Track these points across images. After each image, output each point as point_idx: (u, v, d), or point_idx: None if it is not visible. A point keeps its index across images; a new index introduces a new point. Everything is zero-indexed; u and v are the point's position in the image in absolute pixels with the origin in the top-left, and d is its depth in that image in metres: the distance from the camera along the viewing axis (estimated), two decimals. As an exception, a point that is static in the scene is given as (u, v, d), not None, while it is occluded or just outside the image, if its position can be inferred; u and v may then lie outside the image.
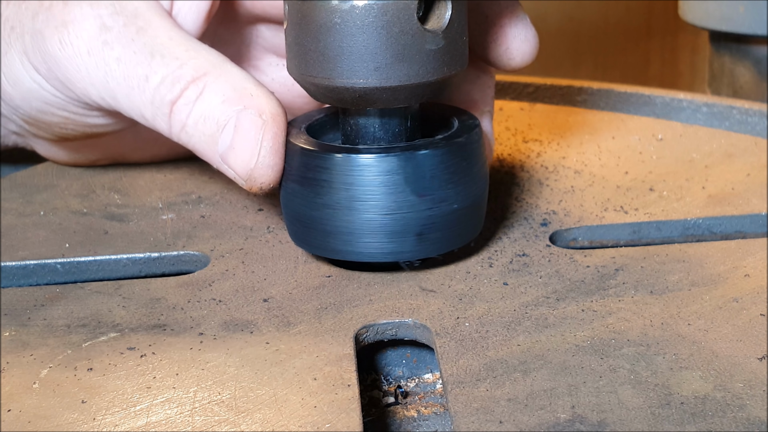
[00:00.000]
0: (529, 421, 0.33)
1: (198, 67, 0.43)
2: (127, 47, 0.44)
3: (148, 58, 0.44)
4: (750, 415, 0.33)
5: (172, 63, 0.44)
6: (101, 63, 0.45)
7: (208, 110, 0.43)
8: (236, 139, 0.42)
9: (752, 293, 0.41)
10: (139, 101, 0.44)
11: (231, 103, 0.43)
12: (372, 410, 0.39)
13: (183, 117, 0.43)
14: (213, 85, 0.43)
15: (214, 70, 0.43)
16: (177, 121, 0.44)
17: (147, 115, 0.44)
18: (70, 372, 0.37)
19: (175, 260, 0.46)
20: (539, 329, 0.39)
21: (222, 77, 0.43)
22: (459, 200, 0.42)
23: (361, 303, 0.41)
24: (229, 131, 0.42)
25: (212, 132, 0.43)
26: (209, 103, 0.43)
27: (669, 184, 0.52)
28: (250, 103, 0.42)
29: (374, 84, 0.40)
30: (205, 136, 0.43)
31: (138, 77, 0.44)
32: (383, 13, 0.39)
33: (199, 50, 0.44)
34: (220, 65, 0.44)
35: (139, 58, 0.44)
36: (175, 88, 0.43)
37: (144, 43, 0.44)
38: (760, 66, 0.86)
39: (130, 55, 0.44)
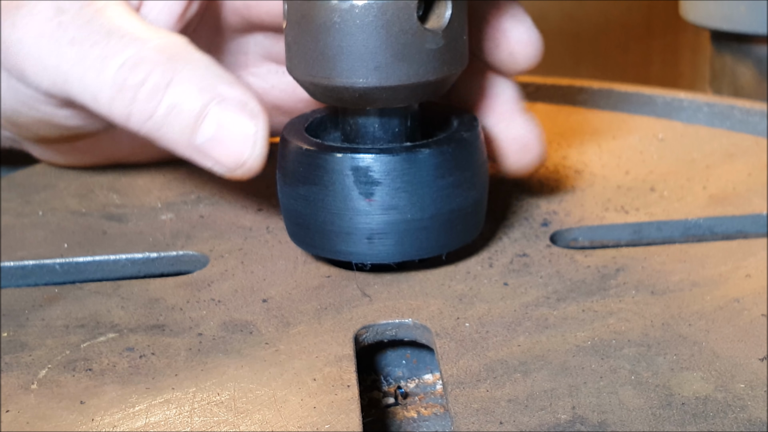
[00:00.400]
0: (529, 421, 0.33)
1: (163, 49, 0.41)
2: (82, 28, 0.42)
3: (105, 38, 0.41)
4: (751, 416, 0.33)
5: (133, 43, 0.41)
6: (54, 45, 0.42)
7: (183, 99, 0.40)
8: (222, 132, 0.40)
9: (753, 294, 0.41)
10: (93, 84, 0.41)
11: (208, 91, 0.41)
12: (372, 411, 0.39)
13: (151, 106, 0.41)
14: (185, 71, 0.41)
15: (182, 54, 0.41)
16: (142, 109, 0.41)
17: (102, 99, 0.41)
18: (69, 372, 0.37)
19: (174, 260, 0.46)
20: (540, 330, 0.39)
21: (192, 62, 0.41)
22: (459, 200, 0.42)
23: (360, 303, 0.41)
24: (212, 122, 0.40)
25: (189, 123, 0.41)
26: (184, 91, 0.40)
27: (670, 184, 0.52)
28: (230, 92, 0.41)
29: (374, 83, 0.40)
30: (180, 127, 0.41)
31: (93, 57, 0.41)
32: (383, 12, 0.39)
33: (160, 32, 0.42)
34: (186, 49, 0.41)
35: (95, 38, 0.41)
36: (139, 72, 0.40)
37: (101, 23, 0.42)
38: (761, 65, 0.86)
39: (85, 35, 0.41)
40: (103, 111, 0.42)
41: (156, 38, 0.41)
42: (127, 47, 0.41)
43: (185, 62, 0.41)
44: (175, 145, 0.41)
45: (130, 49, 0.41)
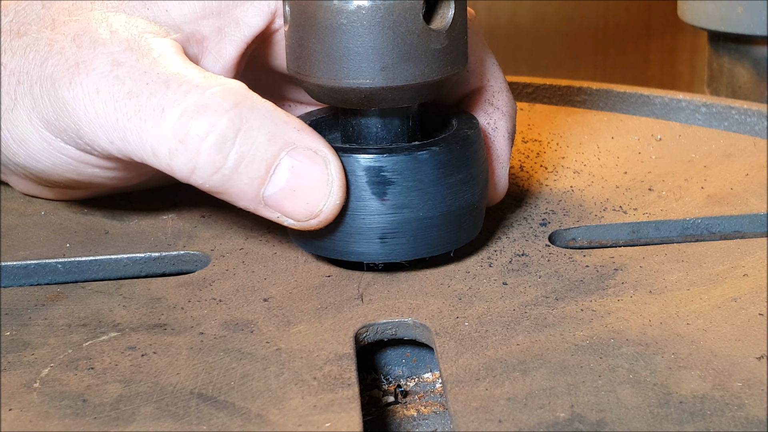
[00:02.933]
0: (528, 420, 0.33)
1: (226, 95, 0.38)
2: (139, 80, 0.39)
3: (163, 88, 0.39)
4: (749, 415, 0.33)
5: (194, 90, 0.38)
6: (110, 100, 0.40)
7: (253, 150, 0.38)
8: (296, 181, 0.39)
9: (751, 293, 0.41)
10: (152, 136, 0.39)
11: (279, 139, 0.38)
12: (372, 409, 0.39)
13: (219, 157, 0.38)
14: (253, 118, 0.38)
15: (246, 100, 0.39)
16: (209, 161, 0.38)
17: (161, 152, 0.39)
18: (71, 371, 0.37)
19: (175, 260, 0.46)
20: (538, 329, 0.39)
21: (258, 108, 0.39)
22: (459, 200, 0.42)
23: (361, 303, 0.41)
24: (283, 172, 0.39)
25: (260, 175, 0.38)
26: (253, 140, 0.38)
27: (668, 184, 0.52)
28: (300, 139, 0.39)
29: (381, 84, 0.40)
30: (249, 179, 0.38)
31: (152, 109, 0.39)
32: (390, 13, 0.39)
33: (218, 77, 0.40)
34: (248, 94, 0.39)
35: (153, 89, 0.39)
36: (202, 121, 0.38)
37: (158, 73, 0.39)
38: (758, 66, 0.86)
39: (143, 87, 0.39)
40: (162, 165, 0.39)
41: (216, 84, 0.39)
42: (188, 95, 0.39)
43: (251, 108, 0.39)
44: (241, 198, 0.39)
45: (191, 97, 0.39)
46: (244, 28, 0.45)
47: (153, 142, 0.39)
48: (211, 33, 0.44)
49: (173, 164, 0.39)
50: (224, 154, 0.38)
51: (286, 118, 0.40)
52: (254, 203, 0.39)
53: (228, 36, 0.45)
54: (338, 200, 0.40)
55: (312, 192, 0.39)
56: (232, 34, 0.45)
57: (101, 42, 0.41)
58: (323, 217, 0.40)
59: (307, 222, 0.40)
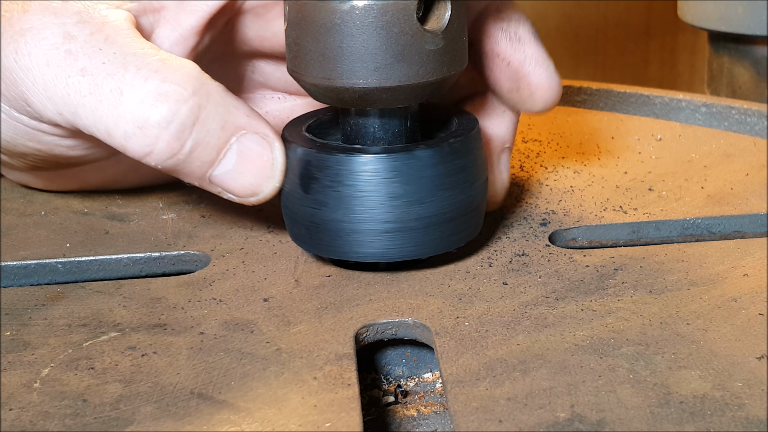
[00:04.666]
0: (528, 420, 0.33)
1: (184, 83, 0.39)
2: (93, 57, 0.40)
3: (120, 69, 0.39)
4: (749, 415, 0.33)
5: (153, 76, 0.39)
6: (62, 74, 0.40)
7: (207, 137, 0.40)
8: (243, 164, 0.41)
9: (751, 293, 0.41)
10: (107, 117, 0.39)
11: (230, 126, 0.40)
12: (372, 409, 0.39)
13: (176, 144, 0.39)
14: (209, 106, 0.40)
15: (201, 88, 0.40)
16: (167, 148, 0.39)
17: (116, 133, 0.40)
18: (71, 371, 0.37)
19: (175, 260, 0.46)
20: (538, 329, 0.39)
21: (213, 95, 0.40)
22: (459, 200, 0.42)
23: (361, 302, 0.41)
24: (232, 156, 0.40)
25: (211, 158, 0.40)
26: (208, 128, 0.40)
27: (668, 184, 0.53)
28: (248, 124, 0.41)
29: (374, 84, 0.40)
30: (200, 163, 0.40)
31: (109, 90, 0.39)
32: (383, 13, 0.39)
33: (173, 61, 0.40)
34: (204, 80, 0.40)
35: (110, 69, 0.39)
36: (162, 109, 0.39)
37: (114, 52, 0.40)
38: (759, 66, 0.86)
39: (98, 65, 0.39)
40: (116, 144, 0.40)
41: (175, 69, 0.40)
42: (147, 80, 0.39)
43: (207, 96, 0.40)
44: (188, 177, 0.41)
45: (151, 83, 0.39)
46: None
47: (108, 122, 0.40)
48: (169, 1, 0.44)
49: (128, 145, 0.40)
50: (182, 142, 0.40)
51: (237, 103, 0.41)
52: (200, 181, 0.41)
53: (189, 7, 0.44)
54: (278, 183, 0.42)
55: (257, 174, 0.41)
56: (194, 5, 0.44)
57: (51, 10, 0.41)
58: (263, 196, 0.42)
59: (247, 199, 0.42)
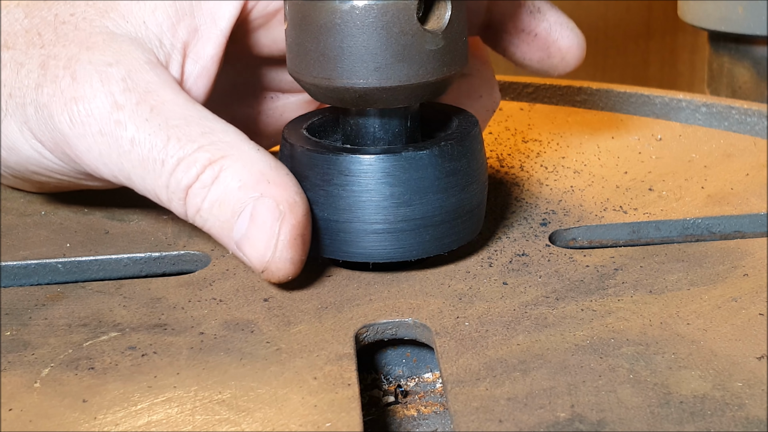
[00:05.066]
0: (528, 420, 0.33)
1: (215, 150, 0.41)
2: (141, 128, 0.42)
3: (163, 141, 0.41)
4: (749, 415, 0.33)
5: (188, 146, 0.41)
6: (114, 143, 0.42)
7: (224, 195, 0.41)
8: (251, 229, 0.40)
9: (751, 293, 0.41)
10: (154, 184, 0.42)
11: (247, 189, 0.41)
12: (372, 409, 0.39)
13: (198, 201, 0.41)
14: (230, 168, 0.41)
15: (231, 152, 0.41)
16: (192, 204, 0.41)
17: (162, 197, 0.42)
18: (71, 371, 0.37)
19: (175, 260, 0.46)
20: (539, 329, 0.39)
21: (240, 161, 0.41)
22: (459, 200, 0.42)
23: (361, 302, 0.41)
24: (245, 219, 0.41)
25: (227, 218, 0.41)
26: (225, 187, 0.41)
27: (668, 184, 0.53)
28: (267, 190, 0.41)
29: (374, 84, 0.40)
30: (220, 222, 0.41)
31: (153, 161, 0.41)
32: (383, 13, 0.39)
33: (215, 130, 0.42)
34: (237, 146, 0.41)
35: (154, 141, 0.41)
36: (191, 172, 0.41)
37: (159, 124, 0.42)
38: (759, 66, 0.86)
39: (145, 137, 0.42)
40: (165, 206, 0.43)
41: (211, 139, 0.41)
42: (184, 150, 0.41)
43: (233, 159, 0.41)
44: (221, 240, 0.42)
45: (186, 151, 0.41)
46: (220, 22, 0.45)
47: (155, 189, 0.42)
48: (188, 36, 0.45)
49: (172, 207, 0.42)
50: (201, 198, 0.41)
51: (265, 168, 0.41)
52: (230, 246, 0.42)
53: (205, 35, 0.45)
54: (281, 255, 0.41)
55: (260, 240, 0.41)
56: (209, 32, 0.45)
57: (98, 77, 0.42)
58: (269, 271, 0.41)
59: (262, 274, 0.41)
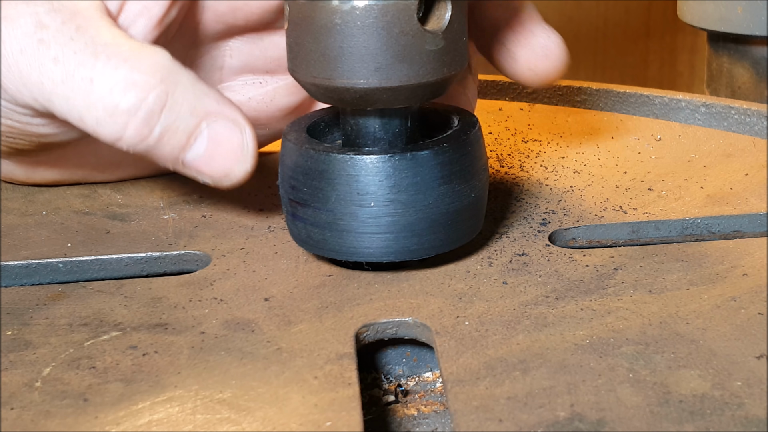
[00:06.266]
0: (528, 419, 0.33)
1: (153, 71, 0.41)
2: (65, 46, 0.41)
3: (91, 59, 0.40)
4: (748, 414, 0.33)
5: (123, 65, 0.40)
6: (35, 63, 0.41)
7: (177, 122, 0.41)
8: (213, 148, 0.42)
9: (750, 292, 0.41)
10: (80, 105, 0.41)
11: (198, 112, 0.41)
12: (372, 408, 0.39)
13: (145, 129, 0.41)
14: (177, 93, 0.41)
15: (171, 75, 0.41)
16: (136, 133, 0.41)
17: (88, 119, 0.41)
18: (73, 370, 0.37)
19: (176, 260, 0.46)
20: (538, 328, 0.39)
21: (182, 82, 0.41)
22: (459, 200, 0.42)
23: (361, 302, 0.41)
24: (203, 140, 0.42)
25: (181, 143, 0.41)
26: (177, 113, 0.41)
27: (668, 184, 0.53)
28: (219, 109, 0.42)
29: (375, 84, 0.40)
30: (171, 147, 0.41)
31: (81, 79, 0.40)
32: (384, 13, 0.39)
33: (145, 50, 0.41)
34: (173, 68, 0.41)
35: (81, 59, 0.40)
36: (131, 96, 0.40)
37: (85, 42, 0.41)
38: (758, 66, 0.86)
39: (70, 54, 0.41)
40: (88, 130, 0.41)
41: (145, 57, 0.41)
42: (117, 69, 0.40)
43: (176, 83, 0.41)
44: (163, 161, 0.42)
45: (120, 72, 0.40)
46: None
47: (81, 109, 0.41)
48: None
49: (99, 131, 0.41)
50: (150, 127, 0.41)
51: (207, 90, 0.42)
52: (174, 164, 0.42)
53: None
54: (249, 166, 0.43)
55: (228, 158, 0.42)
56: None
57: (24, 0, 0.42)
58: (234, 178, 0.43)
59: (220, 181, 0.43)
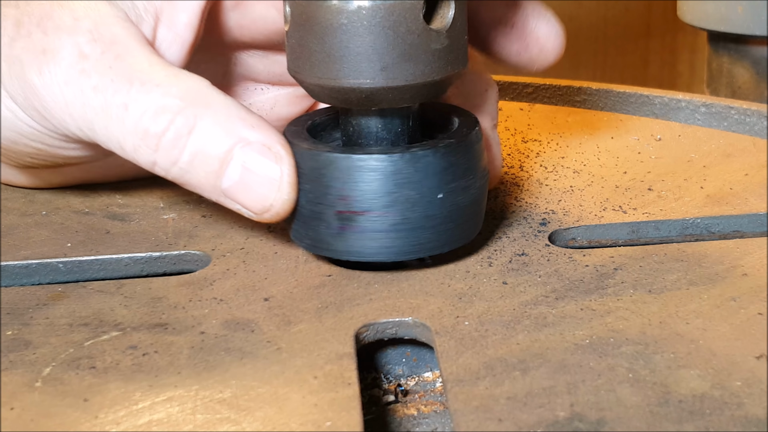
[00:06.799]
0: (528, 419, 0.33)
1: (184, 96, 0.41)
2: (104, 75, 0.42)
3: (126, 86, 0.41)
4: (748, 414, 0.33)
5: (154, 90, 0.41)
6: (79, 93, 0.42)
7: (207, 145, 0.40)
8: (248, 175, 0.41)
9: (750, 292, 0.41)
10: (118, 132, 0.41)
11: (232, 135, 0.40)
12: (372, 408, 0.39)
13: (175, 153, 0.41)
14: (207, 116, 0.41)
15: (204, 98, 0.41)
16: (166, 156, 0.41)
17: (127, 147, 0.42)
18: (73, 370, 0.37)
19: (176, 260, 0.46)
20: (538, 328, 0.39)
21: (214, 106, 0.41)
22: (459, 199, 0.42)
23: (361, 302, 0.41)
24: (236, 167, 0.41)
25: (214, 169, 0.41)
26: (207, 136, 0.40)
27: (667, 184, 0.53)
28: (253, 135, 0.41)
29: (381, 84, 0.40)
30: (205, 173, 0.41)
31: (116, 106, 0.41)
32: (390, 13, 0.39)
33: (180, 76, 0.42)
34: (207, 93, 0.41)
35: (117, 86, 0.41)
36: (161, 120, 0.41)
37: (122, 70, 0.42)
38: (758, 66, 0.86)
39: (108, 82, 0.41)
40: (129, 157, 0.42)
41: (177, 83, 0.41)
42: (149, 94, 0.41)
43: (206, 106, 0.41)
44: (201, 189, 0.42)
45: (152, 97, 0.41)
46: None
47: (119, 137, 0.42)
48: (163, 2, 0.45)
49: (137, 157, 0.42)
50: (179, 150, 0.41)
51: (243, 114, 0.41)
52: (215, 194, 0.42)
53: (180, 3, 0.45)
54: (287, 196, 0.42)
55: (263, 185, 0.41)
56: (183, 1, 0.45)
57: (65, 30, 0.43)
58: (274, 211, 0.42)
59: (262, 215, 0.42)
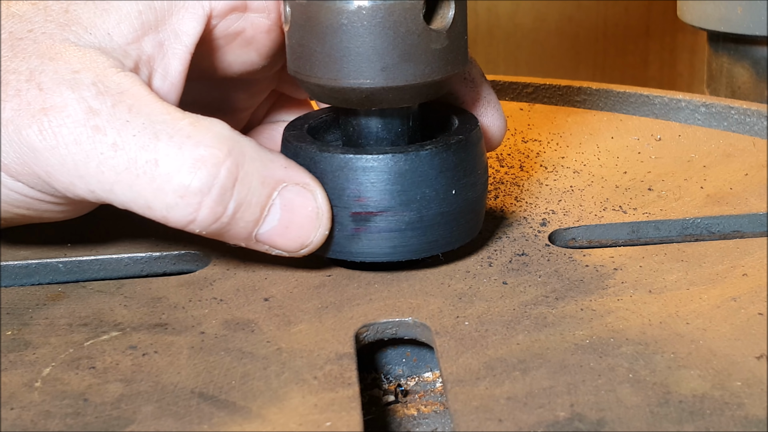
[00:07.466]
0: (528, 419, 0.33)
1: (218, 144, 0.39)
2: (123, 130, 0.38)
3: (153, 140, 0.38)
4: (748, 414, 0.33)
5: (186, 142, 0.38)
6: (93, 152, 0.38)
7: (249, 195, 0.39)
8: (288, 217, 0.40)
9: (750, 292, 0.41)
10: (146, 191, 0.38)
11: (269, 181, 0.39)
12: (372, 409, 0.39)
13: (219, 208, 0.39)
14: (245, 164, 0.39)
15: (236, 146, 0.39)
16: (210, 214, 0.39)
17: (157, 206, 0.39)
18: (72, 370, 0.37)
19: (176, 259, 0.46)
20: (538, 328, 0.39)
21: (247, 152, 0.39)
22: (469, 195, 0.42)
23: (361, 302, 0.41)
24: (276, 211, 0.40)
25: (255, 218, 0.40)
26: (249, 186, 0.39)
27: (667, 184, 0.53)
28: (287, 176, 0.40)
29: (381, 84, 0.40)
30: (245, 223, 0.40)
31: (144, 163, 0.38)
32: (390, 13, 0.39)
33: (203, 122, 0.39)
34: (235, 138, 0.39)
35: (142, 141, 0.38)
36: (201, 174, 0.38)
37: (142, 123, 0.39)
38: (758, 66, 0.86)
39: (129, 138, 0.38)
40: (157, 217, 0.39)
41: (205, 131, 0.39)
42: (181, 147, 0.38)
43: (243, 154, 0.39)
44: (235, 239, 0.41)
45: (185, 149, 0.38)
46: (183, 38, 0.43)
47: (148, 196, 0.39)
48: (154, 50, 0.43)
49: (170, 216, 0.39)
50: (224, 205, 0.39)
51: (272, 155, 0.41)
52: (247, 241, 0.41)
53: (170, 50, 0.43)
54: (326, 230, 0.41)
55: (304, 225, 0.41)
56: (173, 47, 0.43)
57: (66, 84, 0.39)
58: (313, 246, 0.42)
59: (297, 252, 0.42)
